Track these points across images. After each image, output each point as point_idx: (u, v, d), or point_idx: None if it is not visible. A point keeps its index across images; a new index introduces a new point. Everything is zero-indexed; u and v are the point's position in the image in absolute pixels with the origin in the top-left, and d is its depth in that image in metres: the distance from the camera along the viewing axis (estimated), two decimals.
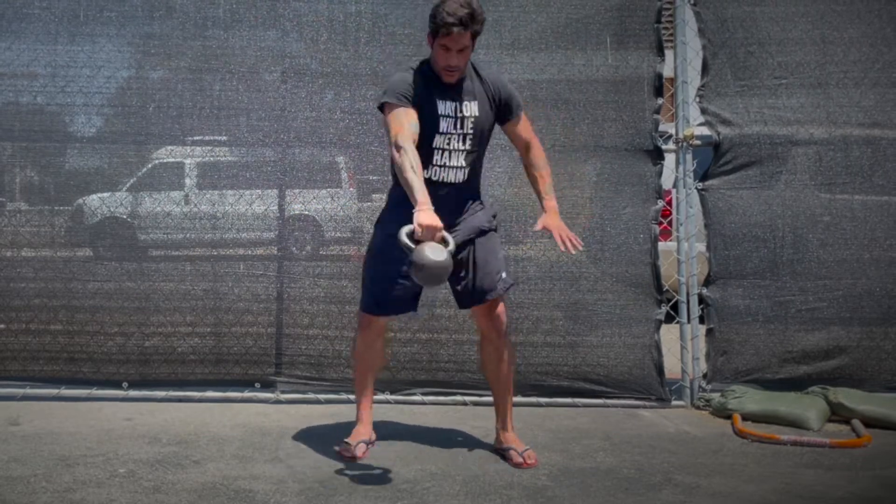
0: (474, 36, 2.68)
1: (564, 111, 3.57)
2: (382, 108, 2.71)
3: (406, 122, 2.62)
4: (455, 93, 2.73)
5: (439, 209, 2.59)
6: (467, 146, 2.74)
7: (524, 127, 2.87)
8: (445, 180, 2.73)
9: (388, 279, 2.74)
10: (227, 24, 3.50)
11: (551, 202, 2.85)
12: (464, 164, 2.75)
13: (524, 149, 2.88)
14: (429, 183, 2.65)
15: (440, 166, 2.73)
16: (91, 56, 3.47)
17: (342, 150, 3.66)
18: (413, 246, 2.46)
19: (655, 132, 3.58)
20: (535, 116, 3.54)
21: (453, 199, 2.75)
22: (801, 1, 3.59)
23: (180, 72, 3.50)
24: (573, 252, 2.78)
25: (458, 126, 2.72)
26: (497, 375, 2.90)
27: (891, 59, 3.58)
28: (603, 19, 3.57)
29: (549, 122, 3.56)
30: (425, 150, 2.69)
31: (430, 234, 2.47)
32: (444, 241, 2.52)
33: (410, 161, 2.55)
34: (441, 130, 2.71)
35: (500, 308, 2.84)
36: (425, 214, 2.48)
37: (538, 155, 2.87)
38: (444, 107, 2.71)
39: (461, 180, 2.76)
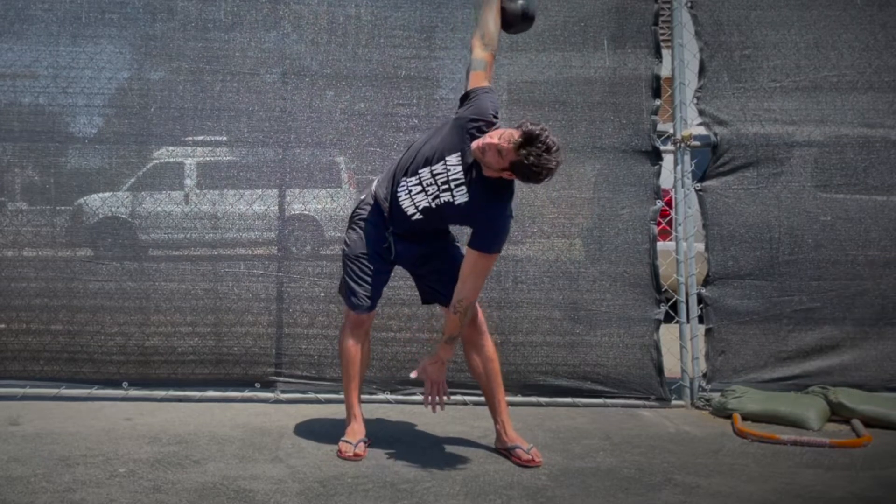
0: (514, 169, 2.59)
1: (563, 112, 3.58)
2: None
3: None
4: (470, 175, 2.67)
5: (393, 218, 2.79)
6: (432, 205, 2.73)
7: (472, 262, 2.68)
8: (401, 202, 2.77)
9: (371, 274, 2.82)
10: (228, 26, 3.52)
11: (444, 351, 2.78)
12: (419, 211, 2.75)
13: (460, 281, 2.71)
14: (392, 196, 2.79)
15: (406, 190, 2.76)
16: (93, 57, 3.48)
17: (342, 151, 3.67)
18: None
19: (653, 133, 3.60)
20: (533, 118, 3.53)
21: (408, 223, 2.80)
22: (796, 6, 3.61)
23: (181, 73, 3.51)
24: (433, 411, 2.87)
25: (441, 188, 2.70)
26: (486, 374, 2.91)
27: (883, 63, 3.61)
28: (601, 21, 3.59)
29: (547, 124, 3.53)
30: (413, 168, 2.75)
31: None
32: None
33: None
34: (435, 171, 2.71)
35: (475, 309, 2.87)
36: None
37: (464, 295, 2.69)
38: (455, 161, 2.68)
39: (412, 217, 2.77)
